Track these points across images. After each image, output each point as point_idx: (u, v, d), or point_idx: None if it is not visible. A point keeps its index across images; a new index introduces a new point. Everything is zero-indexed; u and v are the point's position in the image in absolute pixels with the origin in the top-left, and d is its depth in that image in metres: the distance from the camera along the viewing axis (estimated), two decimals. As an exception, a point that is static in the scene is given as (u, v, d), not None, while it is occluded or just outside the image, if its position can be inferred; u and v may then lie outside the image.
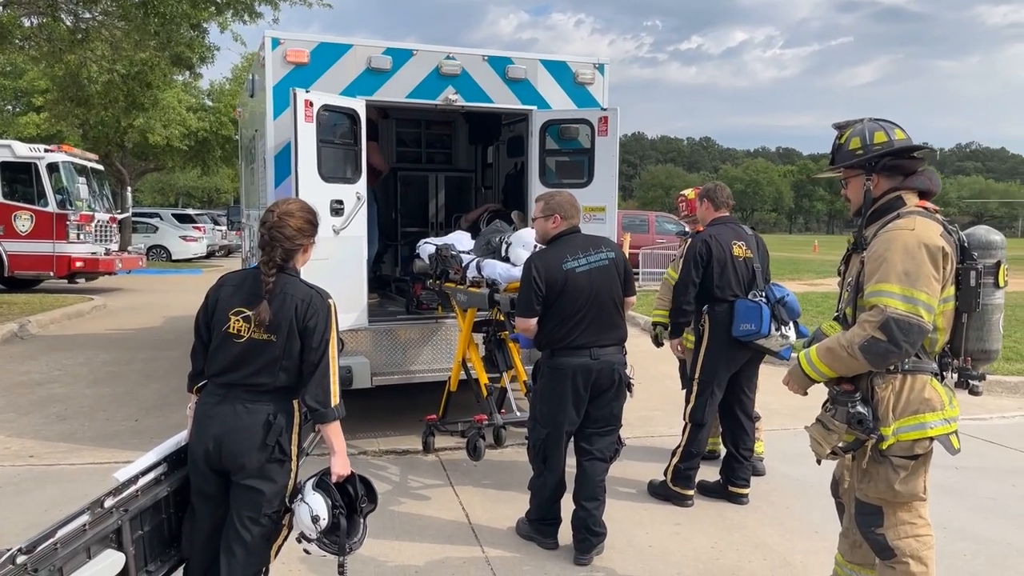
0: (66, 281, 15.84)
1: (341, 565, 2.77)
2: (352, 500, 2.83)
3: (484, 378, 5.37)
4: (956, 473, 5.55)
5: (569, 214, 4.13)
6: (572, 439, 4.14)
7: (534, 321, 4.07)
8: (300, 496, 2.78)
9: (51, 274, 15.28)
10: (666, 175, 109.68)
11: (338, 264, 5.53)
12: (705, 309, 4.81)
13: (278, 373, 2.76)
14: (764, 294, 4.79)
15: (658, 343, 5.59)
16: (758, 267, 4.89)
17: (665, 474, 4.93)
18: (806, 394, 3.18)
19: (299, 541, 2.80)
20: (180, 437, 2.92)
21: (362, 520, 2.85)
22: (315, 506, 2.73)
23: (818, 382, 3.05)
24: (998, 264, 2.95)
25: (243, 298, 2.80)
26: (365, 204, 5.82)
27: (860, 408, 2.88)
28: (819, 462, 3.17)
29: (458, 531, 4.41)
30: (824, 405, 3.06)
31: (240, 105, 9.96)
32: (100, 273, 16.06)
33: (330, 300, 2.83)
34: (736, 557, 4.13)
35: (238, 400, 2.74)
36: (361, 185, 5.77)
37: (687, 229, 5.84)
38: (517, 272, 4.77)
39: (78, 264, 15.22)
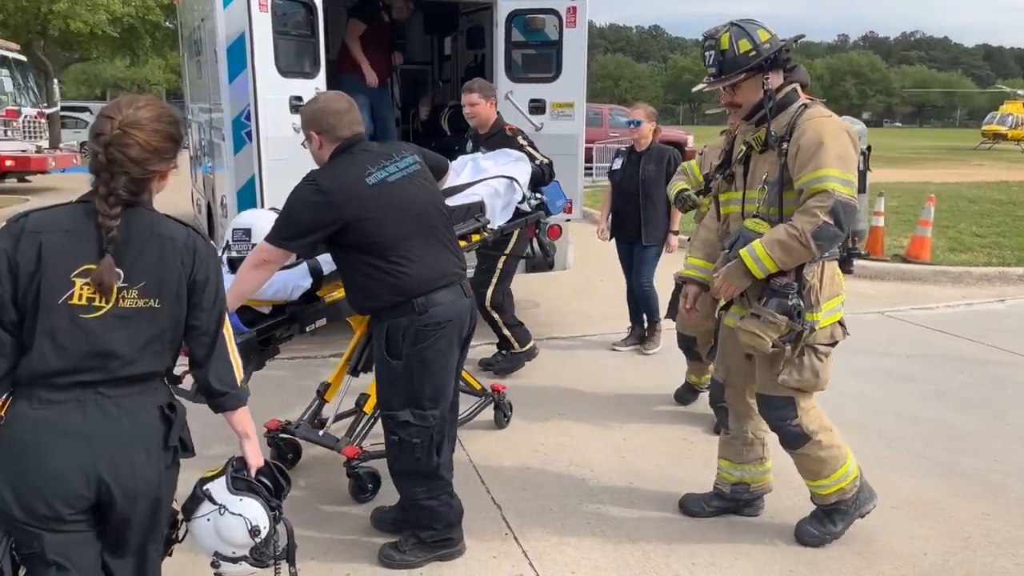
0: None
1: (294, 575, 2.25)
2: (277, 490, 2.23)
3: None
4: (907, 361, 5.84)
5: (338, 124, 2.97)
6: None
7: (281, 254, 2.90)
8: (217, 508, 2.10)
9: (-24, 173, 14.49)
10: (615, 65, 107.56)
11: (301, 167, 5.32)
12: None
13: (166, 353, 2.00)
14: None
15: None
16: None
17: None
18: (738, 293, 3.14)
19: (215, 566, 2.15)
20: None
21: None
22: (251, 515, 2.10)
23: (757, 279, 3.01)
24: (869, 148, 3.25)
25: (88, 250, 1.86)
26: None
27: (799, 300, 2.96)
28: (749, 358, 3.23)
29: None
30: (756, 300, 3.04)
31: (177, -10, 9.30)
32: (32, 172, 15.28)
33: (212, 242, 2.12)
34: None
35: (102, 401, 1.88)
36: (320, 80, 5.49)
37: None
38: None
39: (8, 163, 14.41)
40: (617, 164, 5.89)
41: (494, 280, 5.30)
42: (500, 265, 5.28)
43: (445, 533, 3.16)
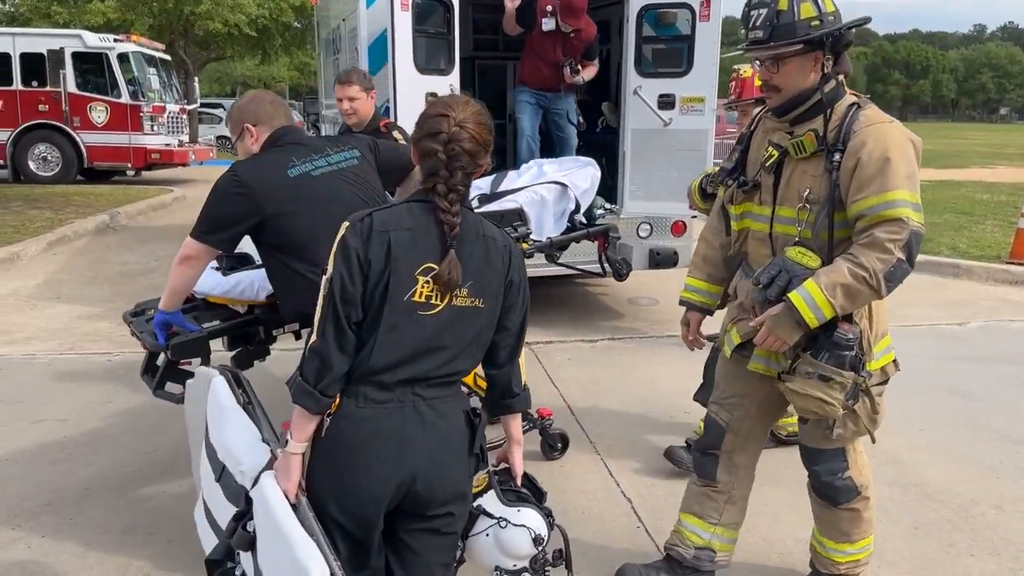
0: (133, 173, 16.16)
1: None
2: (539, 496, 2.15)
3: None
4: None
5: (275, 113, 2.85)
6: None
7: (204, 249, 2.70)
8: (496, 521, 2.03)
9: (128, 165, 15.63)
10: (731, 60, 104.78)
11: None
12: None
13: (478, 354, 2.00)
14: None
15: None
16: None
17: None
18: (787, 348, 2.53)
19: None
20: (270, 491, 1.91)
21: None
22: (532, 524, 2.02)
23: (811, 329, 2.42)
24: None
25: (428, 248, 1.87)
26: (458, 96, 5.72)
27: (859, 349, 2.45)
28: (805, 421, 2.73)
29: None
30: (803, 350, 2.49)
31: (315, -9, 9.76)
32: (174, 164, 16.37)
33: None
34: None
35: (419, 403, 1.89)
36: (454, 77, 5.69)
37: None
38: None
39: (154, 155, 15.51)
40: None
41: None
42: None
43: None
